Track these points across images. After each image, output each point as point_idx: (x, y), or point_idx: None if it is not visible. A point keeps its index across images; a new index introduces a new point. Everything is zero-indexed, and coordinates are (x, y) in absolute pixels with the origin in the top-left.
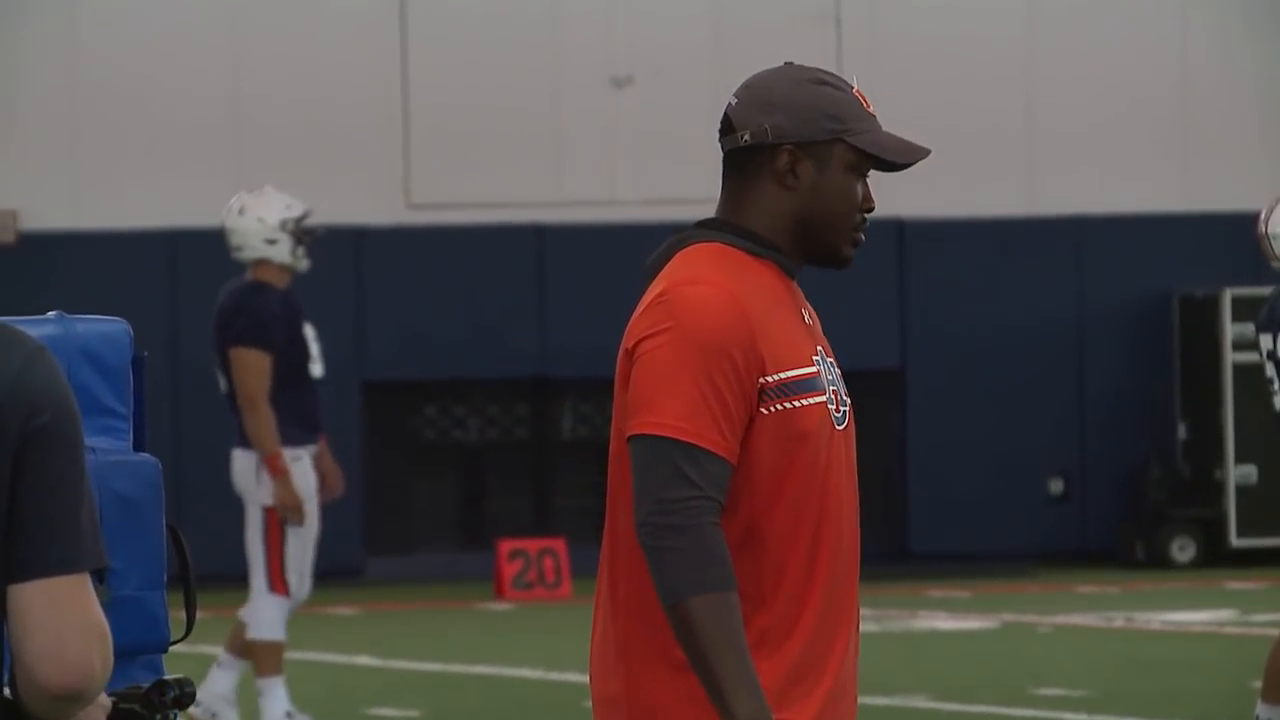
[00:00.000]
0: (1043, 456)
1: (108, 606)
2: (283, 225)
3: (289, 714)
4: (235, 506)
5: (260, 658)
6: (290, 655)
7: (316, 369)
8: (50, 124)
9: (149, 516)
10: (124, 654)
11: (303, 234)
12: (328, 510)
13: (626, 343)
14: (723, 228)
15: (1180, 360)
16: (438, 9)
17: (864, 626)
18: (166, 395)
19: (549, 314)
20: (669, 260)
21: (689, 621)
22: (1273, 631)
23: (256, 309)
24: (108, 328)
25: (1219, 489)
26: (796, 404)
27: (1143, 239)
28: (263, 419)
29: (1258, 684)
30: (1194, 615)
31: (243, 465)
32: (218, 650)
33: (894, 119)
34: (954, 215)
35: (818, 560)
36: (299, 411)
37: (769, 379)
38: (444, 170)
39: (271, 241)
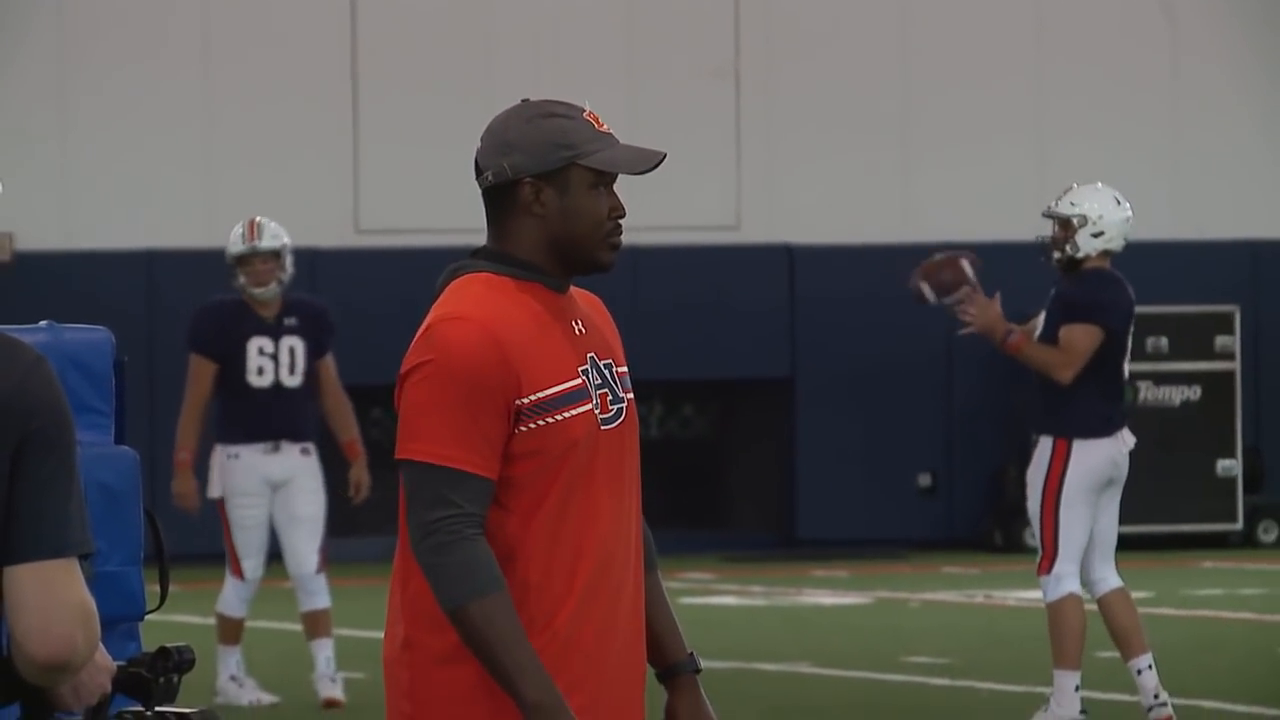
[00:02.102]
0: (914, 456)
1: (92, 582)
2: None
3: (233, 677)
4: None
5: (220, 629)
6: (252, 624)
7: (291, 379)
8: (42, 154)
9: (128, 503)
10: (106, 623)
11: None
12: None
13: (402, 368)
14: (491, 256)
15: (1035, 375)
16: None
17: (755, 601)
18: (144, 396)
19: None
20: (444, 288)
21: (470, 625)
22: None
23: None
24: (92, 336)
25: None
26: (557, 418)
27: (1004, 267)
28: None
29: (1101, 653)
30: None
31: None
32: (190, 619)
33: (789, 157)
34: (839, 242)
35: (578, 565)
36: (239, 415)
37: (525, 400)
38: (390, 198)
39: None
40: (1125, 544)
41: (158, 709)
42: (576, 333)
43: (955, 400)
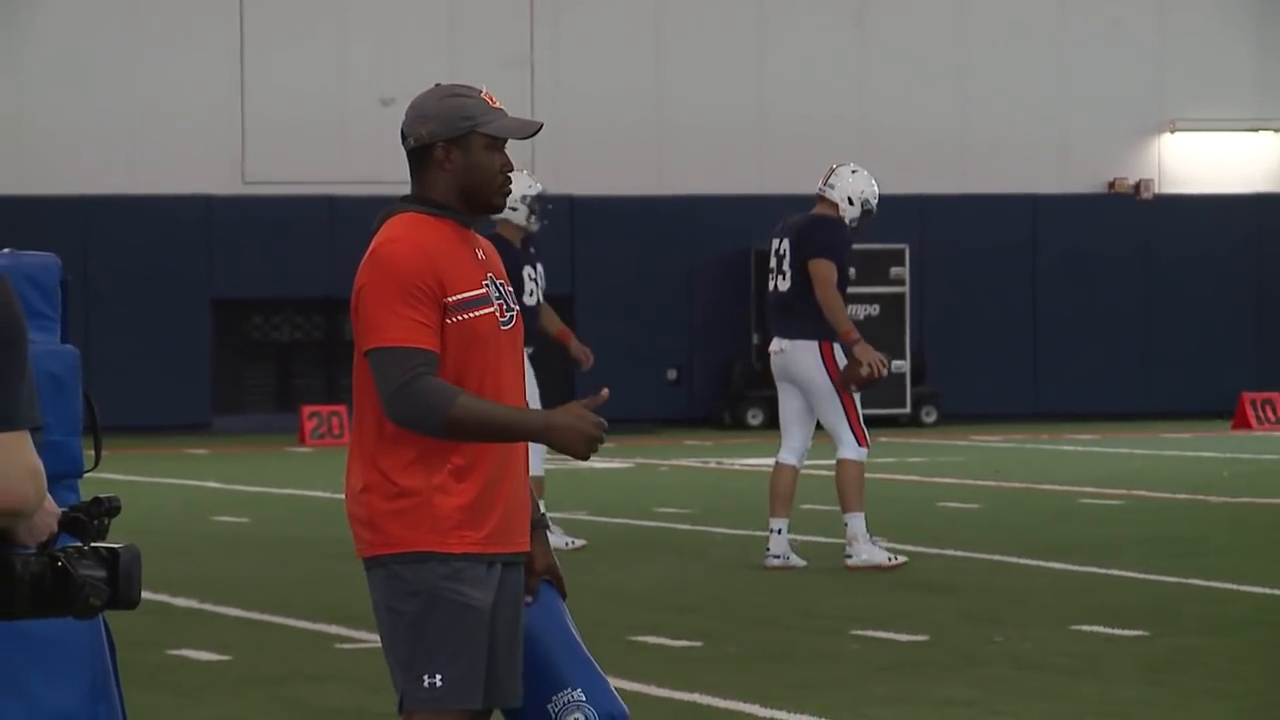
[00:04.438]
0: (664, 355)
1: (41, 448)
2: (522, 199)
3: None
4: (119, 384)
5: None
6: (161, 480)
7: (531, 299)
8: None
9: (70, 388)
10: (52, 479)
11: (535, 205)
12: (184, 380)
13: (355, 286)
14: (414, 200)
15: (755, 292)
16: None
17: (549, 467)
18: (81, 308)
19: (336, 255)
20: (382, 225)
21: (461, 422)
22: (811, 470)
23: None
24: (43, 259)
25: None
26: (470, 315)
27: (735, 211)
28: None
29: (806, 505)
30: (761, 460)
31: None
32: (116, 477)
33: (572, 128)
34: (614, 193)
35: None
36: None
37: (450, 299)
38: (273, 154)
39: (513, 209)
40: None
41: (92, 544)
42: (479, 257)
43: (694, 313)
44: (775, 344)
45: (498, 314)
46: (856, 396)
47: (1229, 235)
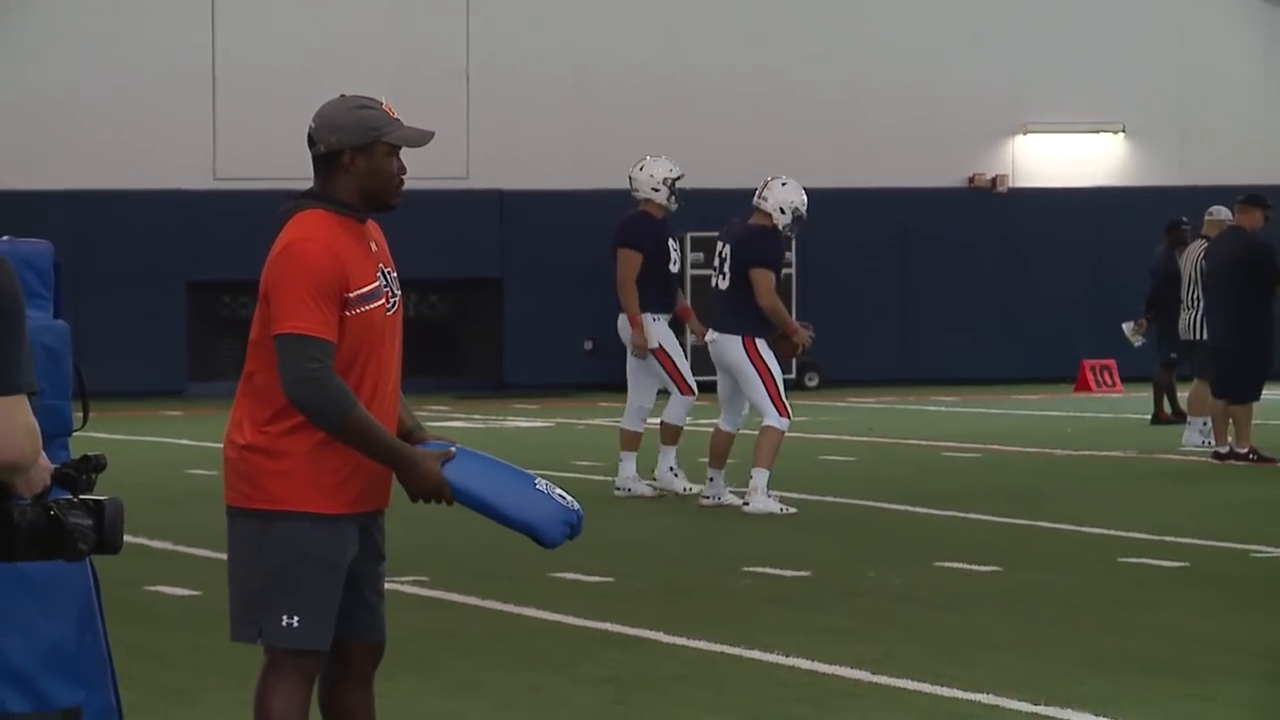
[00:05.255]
0: (582, 328)
1: (37, 410)
2: (664, 182)
3: (672, 468)
4: (105, 355)
5: (664, 433)
6: (141, 439)
7: (674, 267)
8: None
9: (62, 358)
10: (47, 438)
11: (674, 187)
12: (162, 352)
13: (265, 276)
14: (318, 198)
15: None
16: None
17: (473, 424)
18: (71, 288)
19: None
20: (289, 219)
21: (352, 428)
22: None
23: (636, 228)
24: (38, 246)
25: None
26: (366, 308)
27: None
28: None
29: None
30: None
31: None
32: (103, 436)
33: (501, 133)
34: (539, 187)
35: (373, 399)
36: (658, 288)
37: (350, 294)
38: (240, 154)
39: (655, 190)
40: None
41: (81, 497)
42: (372, 250)
43: (606, 291)
44: (709, 334)
45: (384, 303)
46: (778, 375)
47: (1073, 223)
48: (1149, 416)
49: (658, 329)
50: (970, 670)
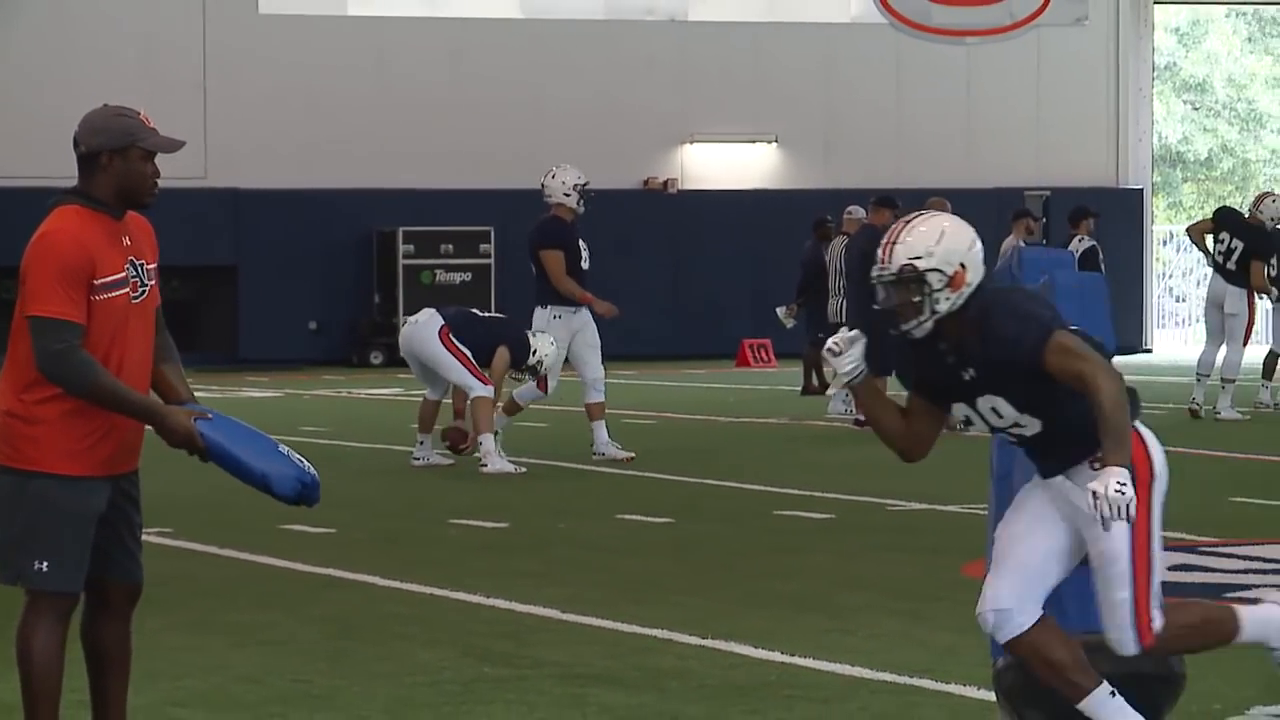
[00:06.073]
0: (308, 311)
1: None
2: (574, 188)
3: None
4: None
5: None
6: None
7: (585, 264)
8: None
9: None
10: None
11: (583, 192)
12: None
13: (22, 262)
14: (79, 195)
15: (375, 264)
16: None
17: (210, 394)
18: None
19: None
20: (50, 213)
21: (101, 392)
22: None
23: (553, 230)
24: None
25: None
26: (109, 295)
27: (361, 201)
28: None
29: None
30: (382, 390)
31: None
32: None
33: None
34: (272, 186)
35: (120, 373)
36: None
37: (96, 282)
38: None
39: (567, 195)
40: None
41: None
42: (125, 244)
43: (330, 279)
44: (407, 321)
45: (130, 291)
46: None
47: (734, 220)
48: (799, 388)
49: (556, 326)
50: (648, 609)
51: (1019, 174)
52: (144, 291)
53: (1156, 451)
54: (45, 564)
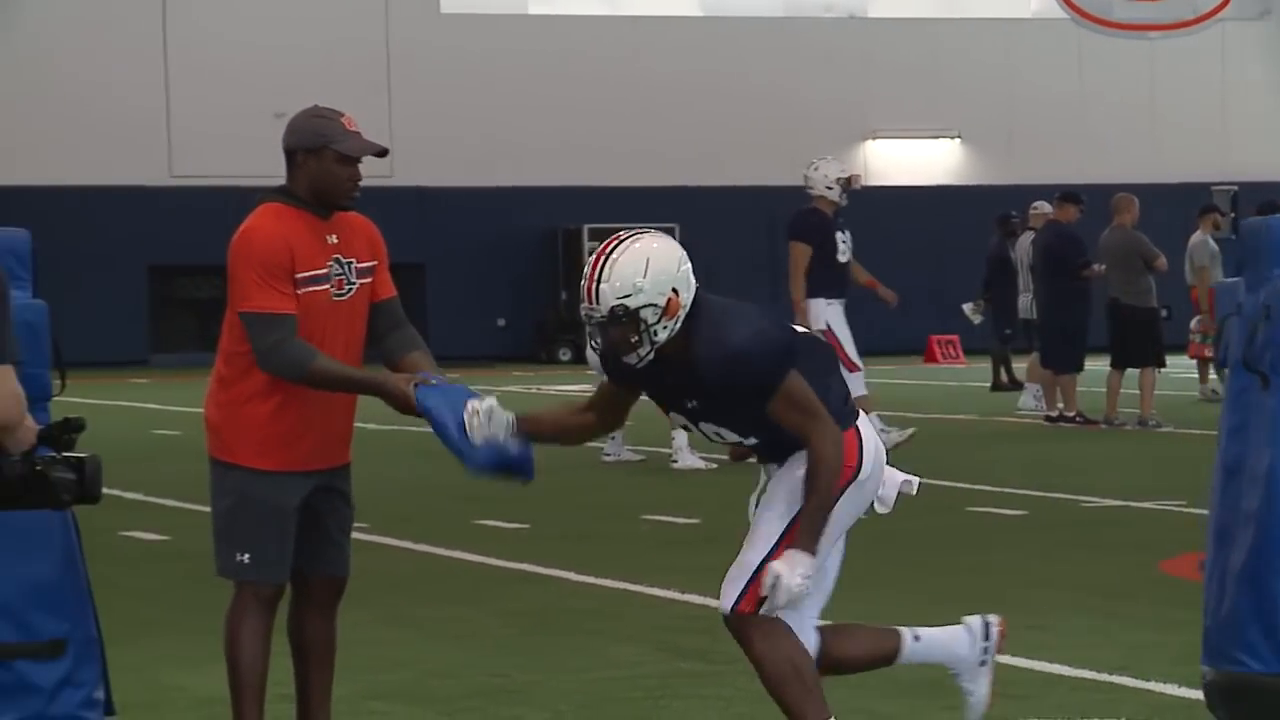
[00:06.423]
0: (497, 307)
1: (21, 378)
2: (836, 181)
3: None
4: (78, 330)
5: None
6: (112, 402)
7: (842, 257)
8: None
9: (42, 332)
10: (30, 402)
11: (844, 185)
12: (128, 327)
13: (228, 262)
14: (282, 193)
15: (562, 259)
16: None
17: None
18: (47, 270)
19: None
20: (253, 210)
21: (319, 375)
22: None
23: (805, 223)
24: (19, 234)
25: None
26: (310, 289)
27: (547, 198)
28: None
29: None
30: (571, 386)
31: None
32: (78, 400)
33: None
34: (456, 185)
35: None
36: (829, 276)
37: (298, 276)
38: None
39: (829, 188)
40: None
41: (63, 454)
42: (329, 241)
43: (516, 276)
44: None
45: (332, 289)
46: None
47: (918, 215)
48: (989, 384)
49: (830, 312)
50: (840, 604)
51: (1205, 168)
52: (350, 289)
53: (870, 450)
54: (246, 555)
